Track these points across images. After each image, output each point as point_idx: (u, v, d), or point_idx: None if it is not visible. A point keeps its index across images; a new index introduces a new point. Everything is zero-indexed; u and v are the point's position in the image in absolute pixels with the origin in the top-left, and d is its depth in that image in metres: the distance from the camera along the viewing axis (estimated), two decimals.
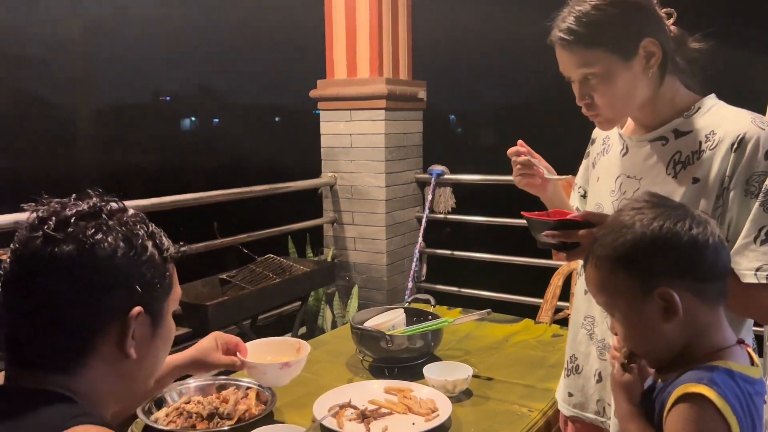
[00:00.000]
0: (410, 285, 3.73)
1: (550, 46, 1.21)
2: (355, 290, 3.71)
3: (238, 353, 1.33)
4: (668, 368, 0.95)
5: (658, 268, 0.90)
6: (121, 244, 0.80)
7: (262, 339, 1.49)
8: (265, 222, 3.63)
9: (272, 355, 1.43)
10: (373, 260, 3.83)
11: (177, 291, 0.91)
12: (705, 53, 1.19)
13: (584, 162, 1.45)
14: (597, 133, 1.41)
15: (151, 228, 0.86)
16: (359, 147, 3.79)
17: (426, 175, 3.94)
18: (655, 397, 0.94)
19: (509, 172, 1.38)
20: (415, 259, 3.79)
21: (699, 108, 1.18)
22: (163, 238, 0.87)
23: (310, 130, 4.13)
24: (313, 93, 3.91)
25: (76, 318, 0.78)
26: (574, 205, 1.44)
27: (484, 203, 3.98)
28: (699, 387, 0.86)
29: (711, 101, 1.19)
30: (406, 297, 3.65)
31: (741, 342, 0.95)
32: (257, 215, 3.92)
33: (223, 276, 3.06)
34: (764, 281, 1.06)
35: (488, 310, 1.84)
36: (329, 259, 3.82)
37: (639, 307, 0.91)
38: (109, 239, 0.79)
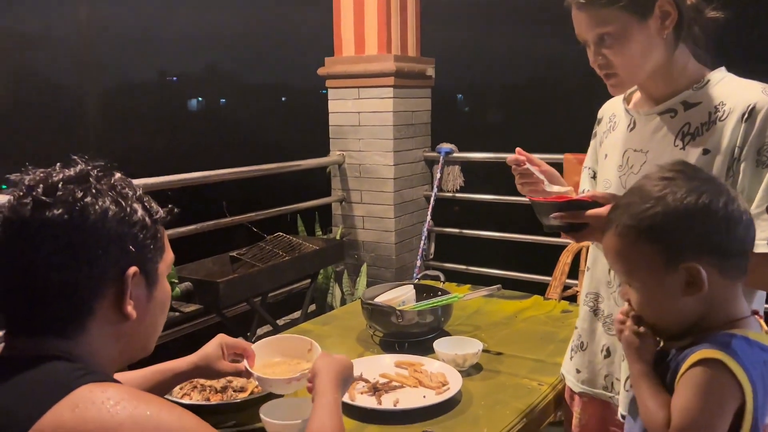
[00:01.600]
0: (419, 263, 3.74)
1: (562, 18, 1.20)
2: (363, 268, 3.73)
3: (245, 361, 1.26)
4: (681, 336, 0.95)
5: (688, 242, 0.89)
6: (111, 206, 0.80)
7: (271, 337, 1.38)
8: (274, 201, 3.65)
9: (281, 355, 1.34)
10: (382, 238, 3.84)
11: (170, 255, 0.91)
12: (721, 24, 1.18)
13: (592, 143, 1.44)
14: (603, 111, 1.41)
15: (139, 191, 0.86)
16: (367, 125, 3.77)
17: (434, 154, 3.93)
18: (669, 360, 0.95)
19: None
20: (423, 238, 3.80)
21: (709, 80, 1.18)
22: (152, 202, 0.88)
23: (318, 109, 4.12)
24: (320, 71, 3.89)
25: (72, 282, 0.78)
26: (584, 187, 1.43)
27: (492, 181, 3.97)
28: (717, 353, 0.86)
29: (721, 74, 1.19)
30: (415, 275, 3.67)
31: (755, 313, 0.95)
32: (266, 194, 3.94)
33: (234, 254, 3.08)
34: None
35: (498, 285, 1.85)
36: (338, 238, 3.83)
37: (660, 278, 0.91)
38: (99, 202, 0.79)
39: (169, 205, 0.90)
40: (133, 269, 0.81)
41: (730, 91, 1.15)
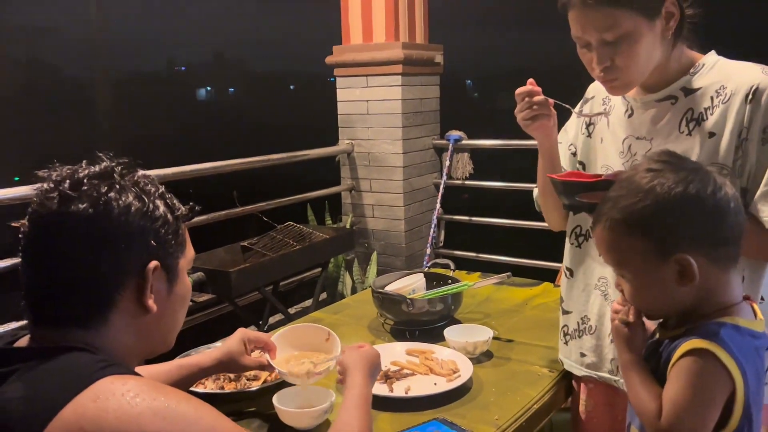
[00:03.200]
0: (428, 251, 3.75)
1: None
2: (374, 257, 3.74)
3: (266, 355, 1.28)
4: (675, 325, 0.96)
5: (678, 234, 0.90)
6: (135, 201, 0.82)
7: (288, 328, 1.40)
8: (284, 190, 3.66)
9: (300, 347, 1.35)
10: (392, 227, 3.84)
11: (191, 251, 0.93)
12: (701, 15, 1.18)
13: (576, 119, 1.41)
14: (595, 90, 1.38)
15: (161, 189, 0.89)
16: (376, 113, 3.77)
17: (443, 141, 3.92)
18: (661, 351, 0.96)
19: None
20: (433, 226, 3.80)
21: (704, 65, 1.19)
22: (174, 200, 0.90)
23: (327, 98, 4.11)
24: (329, 59, 3.89)
25: (95, 274, 0.80)
26: (563, 164, 1.41)
27: (502, 168, 3.96)
28: (705, 343, 0.87)
29: (713, 57, 1.20)
30: (425, 263, 3.68)
31: (747, 298, 0.96)
32: (276, 184, 3.95)
33: (245, 243, 3.11)
34: None
35: (508, 273, 1.85)
36: (348, 226, 3.84)
37: (652, 270, 0.92)
38: (123, 197, 0.81)
39: (191, 203, 0.92)
40: (154, 263, 0.83)
41: (728, 73, 1.16)
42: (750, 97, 1.10)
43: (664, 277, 0.91)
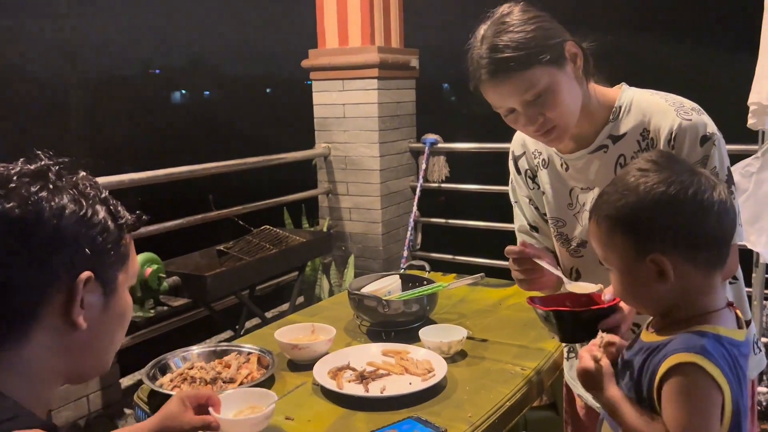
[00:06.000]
0: (406, 254, 3.77)
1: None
2: (351, 260, 3.76)
3: (211, 409, 1.16)
4: (659, 328, 0.97)
5: (655, 234, 0.91)
6: (70, 204, 0.73)
7: (234, 390, 1.34)
8: (260, 194, 3.65)
9: (247, 405, 1.28)
10: (369, 230, 3.86)
11: (135, 265, 0.84)
12: (596, 49, 1.22)
13: (517, 177, 1.41)
14: (523, 146, 1.39)
15: (104, 193, 0.80)
16: (352, 117, 3.79)
17: (420, 145, 3.95)
18: (645, 358, 0.95)
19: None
20: (410, 228, 3.83)
21: (620, 107, 1.22)
22: (119, 207, 0.81)
23: (303, 101, 4.12)
24: (304, 63, 3.89)
25: (18, 281, 0.71)
26: (530, 219, 1.42)
27: (477, 171, 4.00)
28: (691, 356, 0.87)
29: (627, 95, 1.24)
30: (402, 265, 3.70)
31: (730, 304, 0.97)
32: (252, 187, 3.94)
33: (221, 247, 3.09)
34: None
35: (482, 274, 1.88)
36: (325, 230, 3.85)
37: (633, 266, 0.94)
38: (56, 198, 0.73)
39: (137, 212, 0.84)
40: (87, 274, 0.74)
41: (645, 113, 1.20)
42: (672, 142, 1.16)
43: (643, 274, 0.93)
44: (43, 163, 0.77)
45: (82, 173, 0.79)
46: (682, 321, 0.93)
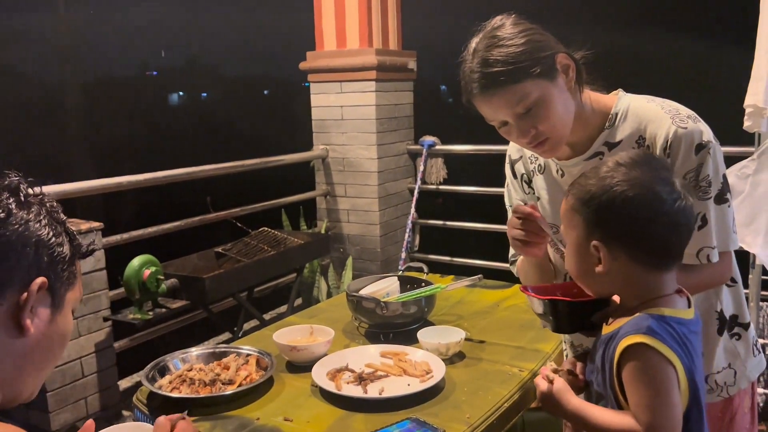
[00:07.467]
0: (403, 255, 3.78)
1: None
2: (349, 261, 3.76)
3: None
4: (611, 322, 1.04)
5: (602, 225, 0.99)
6: (37, 215, 0.77)
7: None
8: (258, 196, 3.66)
9: None
10: (367, 231, 3.87)
11: (80, 290, 0.86)
12: (595, 51, 1.23)
13: (514, 182, 1.42)
14: (519, 151, 1.39)
15: (63, 217, 0.83)
16: (350, 119, 3.80)
17: (418, 146, 3.96)
18: (603, 349, 1.02)
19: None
20: (407, 230, 3.83)
21: (617, 114, 1.23)
22: (73, 232, 0.84)
23: (301, 102, 4.13)
24: (302, 65, 3.90)
25: None
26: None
27: (475, 173, 4.02)
28: (638, 337, 0.95)
29: (623, 102, 1.23)
30: (400, 267, 3.71)
31: (679, 291, 1.03)
32: (250, 189, 3.95)
33: (219, 249, 3.10)
34: (705, 261, 1.16)
35: (480, 276, 1.89)
36: (323, 231, 3.86)
37: (581, 246, 1.02)
38: (25, 208, 0.77)
39: (92, 240, 0.85)
40: (41, 279, 0.76)
41: (641, 120, 1.20)
42: (668, 149, 1.17)
43: (587, 257, 1.01)
44: (16, 179, 0.80)
45: (48, 195, 0.83)
46: (631, 309, 1.00)
